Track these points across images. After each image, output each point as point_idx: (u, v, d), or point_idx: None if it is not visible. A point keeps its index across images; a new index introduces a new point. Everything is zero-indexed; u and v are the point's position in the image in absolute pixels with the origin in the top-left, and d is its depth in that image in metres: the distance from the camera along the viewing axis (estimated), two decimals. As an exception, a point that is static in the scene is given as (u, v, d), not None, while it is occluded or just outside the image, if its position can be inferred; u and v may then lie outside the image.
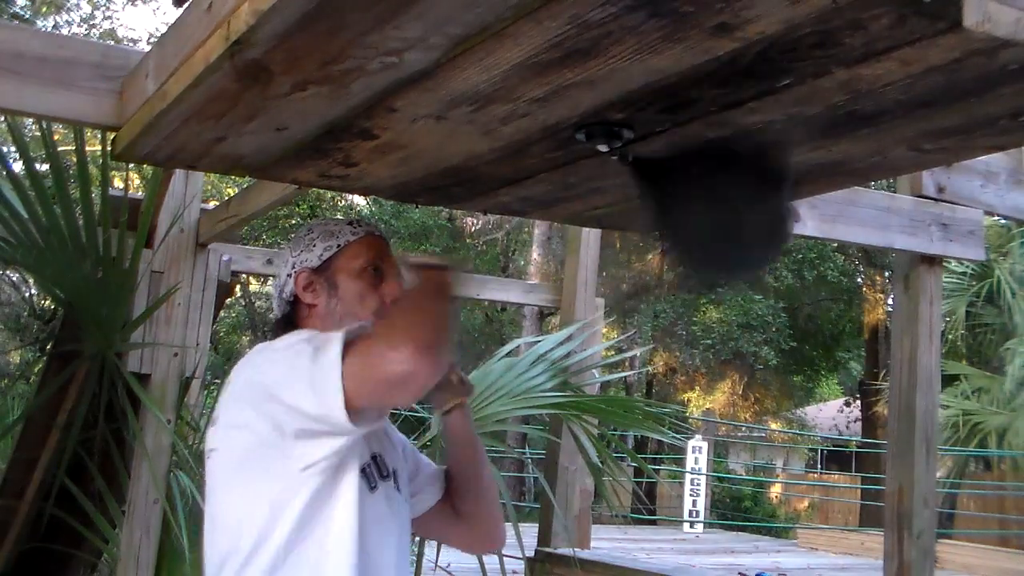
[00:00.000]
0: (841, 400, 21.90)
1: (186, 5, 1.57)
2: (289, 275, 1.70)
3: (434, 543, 3.42)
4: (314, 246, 1.70)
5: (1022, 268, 11.46)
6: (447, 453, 1.85)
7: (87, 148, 3.16)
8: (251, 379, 1.51)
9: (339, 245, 1.69)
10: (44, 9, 15.95)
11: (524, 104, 1.44)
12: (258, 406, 1.46)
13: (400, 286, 1.66)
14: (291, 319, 1.70)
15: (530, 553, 4.52)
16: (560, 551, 4.50)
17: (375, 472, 1.59)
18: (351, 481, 1.49)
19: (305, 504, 1.46)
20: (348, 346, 1.39)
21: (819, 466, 22.29)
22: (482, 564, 3.48)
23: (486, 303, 15.76)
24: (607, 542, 9.81)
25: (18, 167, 3.52)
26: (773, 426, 21.32)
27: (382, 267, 1.69)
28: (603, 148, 1.56)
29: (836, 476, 20.26)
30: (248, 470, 1.48)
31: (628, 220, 2.26)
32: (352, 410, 1.37)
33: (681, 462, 16.88)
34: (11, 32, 2.05)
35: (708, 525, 16.42)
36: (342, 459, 1.47)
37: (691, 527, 15.81)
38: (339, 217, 1.75)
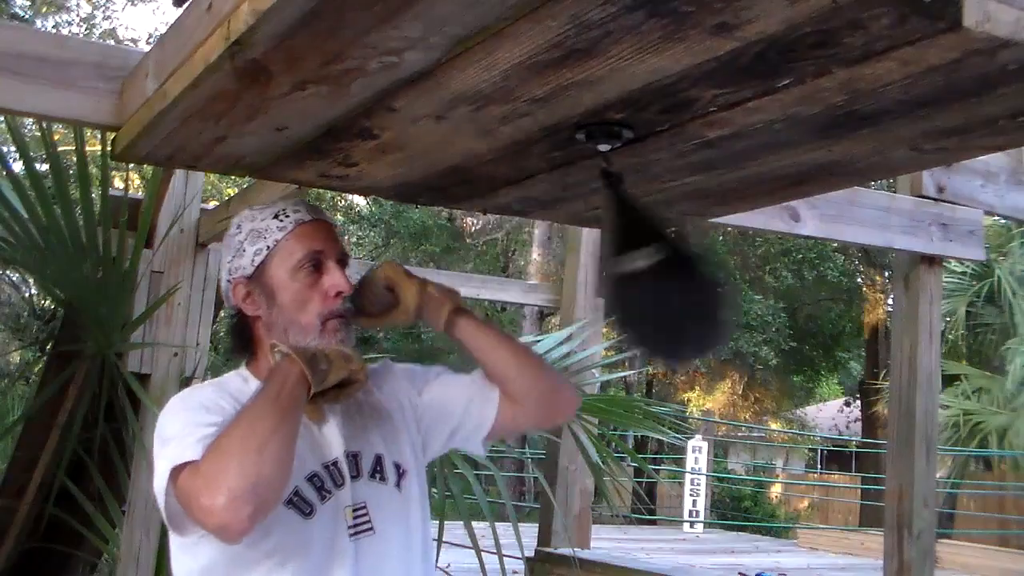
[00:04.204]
0: (841, 400, 21.89)
1: (186, 5, 1.57)
2: (228, 282, 1.57)
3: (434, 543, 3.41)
4: (244, 251, 1.55)
5: (1022, 268, 11.46)
6: (475, 358, 1.67)
7: (87, 148, 3.16)
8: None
9: (268, 247, 1.53)
10: (44, 9, 15.96)
11: (524, 104, 1.44)
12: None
13: (343, 272, 1.54)
14: (242, 329, 1.60)
15: (530, 553, 4.52)
16: (560, 551, 4.51)
17: (328, 482, 1.48)
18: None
19: (210, 561, 1.42)
20: (188, 465, 1.29)
21: (819, 466, 22.27)
22: (482, 564, 3.48)
23: (486, 303, 15.76)
24: (607, 542, 9.79)
25: (18, 167, 3.52)
26: (773, 426, 21.31)
27: (320, 257, 1.54)
28: (603, 148, 1.56)
29: (836, 476, 20.25)
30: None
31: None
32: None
33: (681, 462, 16.86)
34: (11, 32, 2.05)
35: (708, 525, 16.40)
36: None
37: (691, 527, 15.79)
38: (276, 205, 1.59)
